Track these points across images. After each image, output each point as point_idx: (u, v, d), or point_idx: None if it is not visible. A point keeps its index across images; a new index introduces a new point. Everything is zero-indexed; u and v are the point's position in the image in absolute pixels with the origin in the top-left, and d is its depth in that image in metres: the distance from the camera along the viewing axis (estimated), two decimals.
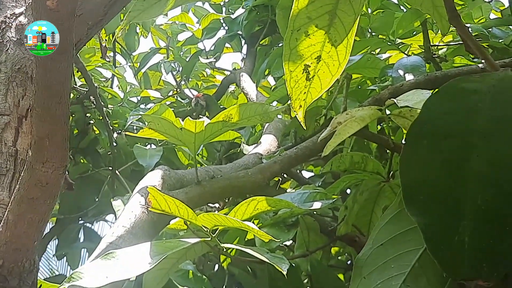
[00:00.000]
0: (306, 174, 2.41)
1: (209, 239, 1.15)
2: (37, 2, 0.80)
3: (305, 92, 0.72)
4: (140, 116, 2.10)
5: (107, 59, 2.28)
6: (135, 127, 2.47)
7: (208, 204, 1.79)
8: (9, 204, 0.92)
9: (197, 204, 1.44)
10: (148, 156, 2.12)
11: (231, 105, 3.20)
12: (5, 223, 0.91)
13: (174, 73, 3.14)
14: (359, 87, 2.02)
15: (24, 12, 1.14)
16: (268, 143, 2.00)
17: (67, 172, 0.96)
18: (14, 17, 1.12)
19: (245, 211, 1.19)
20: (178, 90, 3.19)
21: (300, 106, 0.73)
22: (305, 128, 0.81)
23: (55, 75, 0.85)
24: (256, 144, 2.12)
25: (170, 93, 3.26)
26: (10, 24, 1.12)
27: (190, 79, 3.18)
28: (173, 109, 3.10)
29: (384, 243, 0.64)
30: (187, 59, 3.01)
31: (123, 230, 1.26)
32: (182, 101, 3.19)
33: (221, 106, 2.95)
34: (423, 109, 0.54)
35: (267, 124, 2.18)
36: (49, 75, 0.85)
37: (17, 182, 0.94)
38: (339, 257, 2.10)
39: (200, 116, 3.00)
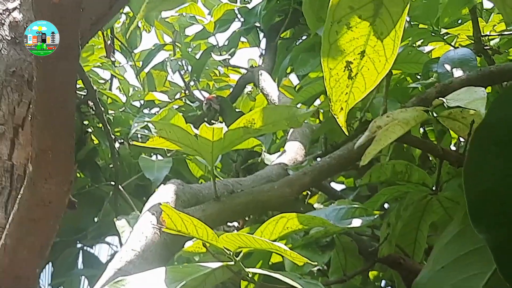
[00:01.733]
0: (336, 187, 2.41)
1: (233, 263, 1.15)
2: None
3: (347, 93, 0.73)
4: (145, 123, 2.11)
5: (112, 59, 2.29)
6: (139, 136, 2.49)
7: (226, 223, 1.80)
8: (7, 227, 0.93)
9: (215, 223, 1.44)
10: (156, 168, 2.14)
11: (248, 108, 3.24)
12: (2, 248, 0.92)
13: (182, 72, 3.15)
14: (397, 85, 2.02)
15: (18, 7, 1.16)
16: (293, 151, 2.00)
17: None
18: (7, 13, 1.14)
19: (273, 231, 1.19)
20: (186, 92, 3.20)
21: (342, 108, 0.73)
22: (347, 133, 0.81)
23: (57, 78, 0.86)
24: (279, 153, 2.13)
25: (178, 96, 3.28)
26: (2, 21, 1.13)
27: (200, 79, 3.19)
28: (181, 113, 3.12)
29: (445, 266, 0.64)
30: (197, 57, 3.02)
31: (132, 254, 1.27)
32: (192, 104, 3.21)
33: (236, 110, 2.96)
34: (490, 110, 0.54)
35: (292, 129, 2.18)
36: (50, 77, 0.86)
37: (14, 201, 0.95)
38: (376, 283, 2.10)
39: (212, 121, 3.01)
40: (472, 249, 0.62)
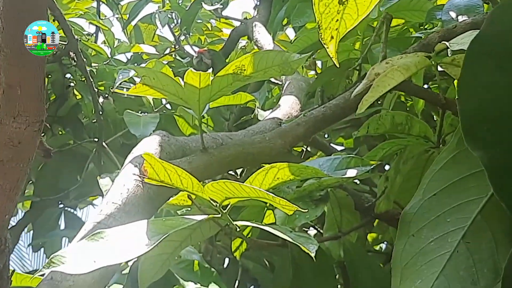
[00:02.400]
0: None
1: (219, 215, 1.14)
2: None
3: (337, 20, 0.70)
4: (131, 76, 2.08)
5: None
6: (125, 89, 2.46)
7: (214, 177, 1.79)
8: None
9: (203, 176, 1.42)
10: (142, 124, 2.11)
11: None
12: None
13: (172, 26, 3.12)
14: (400, 36, 2.00)
15: None
16: (288, 105, 1.98)
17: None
18: None
19: (262, 181, 1.18)
20: (176, 46, 3.17)
21: (332, 37, 0.71)
22: (337, 65, 0.79)
23: (27, 2, 0.84)
24: (273, 108, 2.10)
25: (167, 51, 3.25)
26: None
27: (191, 34, 3.16)
28: (171, 69, 3.09)
29: (437, 193, 0.63)
30: (187, 8, 2.98)
31: (113, 207, 1.25)
32: (182, 60, 3.18)
33: None
34: (487, 21, 0.53)
35: (287, 82, 2.16)
36: (19, 2, 0.84)
37: None
38: (377, 246, 2.10)
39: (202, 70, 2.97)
40: (467, 175, 0.61)
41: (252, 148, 1.48)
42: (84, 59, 2.27)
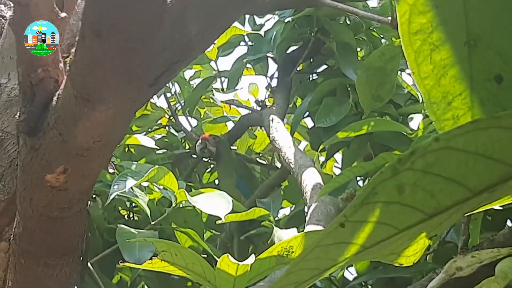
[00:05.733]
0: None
1: None
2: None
3: None
4: (128, 187, 1.85)
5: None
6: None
7: None
8: None
9: None
10: (138, 248, 1.87)
11: (245, 147, 3.00)
12: None
13: (169, 95, 2.94)
14: None
15: None
16: None
17: None
18: None
19: None
20: (171, 118, 2.99)
21: None
22: None
23: None
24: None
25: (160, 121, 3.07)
26: None
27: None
28: (165, 149, 2.87)
29: None
30: (186, 75, 2.83)
31: None
32: (176, 134, 3.00)
33: (232, 148, 2.75)
34: None
35: (313, 206, 1.94)
36: None
37: None
38: None
39: (204, 158, 2.77)
40: None
41: None
42: None
